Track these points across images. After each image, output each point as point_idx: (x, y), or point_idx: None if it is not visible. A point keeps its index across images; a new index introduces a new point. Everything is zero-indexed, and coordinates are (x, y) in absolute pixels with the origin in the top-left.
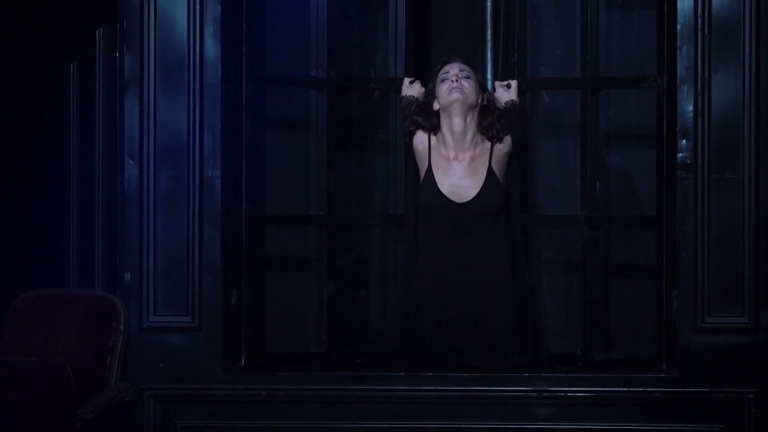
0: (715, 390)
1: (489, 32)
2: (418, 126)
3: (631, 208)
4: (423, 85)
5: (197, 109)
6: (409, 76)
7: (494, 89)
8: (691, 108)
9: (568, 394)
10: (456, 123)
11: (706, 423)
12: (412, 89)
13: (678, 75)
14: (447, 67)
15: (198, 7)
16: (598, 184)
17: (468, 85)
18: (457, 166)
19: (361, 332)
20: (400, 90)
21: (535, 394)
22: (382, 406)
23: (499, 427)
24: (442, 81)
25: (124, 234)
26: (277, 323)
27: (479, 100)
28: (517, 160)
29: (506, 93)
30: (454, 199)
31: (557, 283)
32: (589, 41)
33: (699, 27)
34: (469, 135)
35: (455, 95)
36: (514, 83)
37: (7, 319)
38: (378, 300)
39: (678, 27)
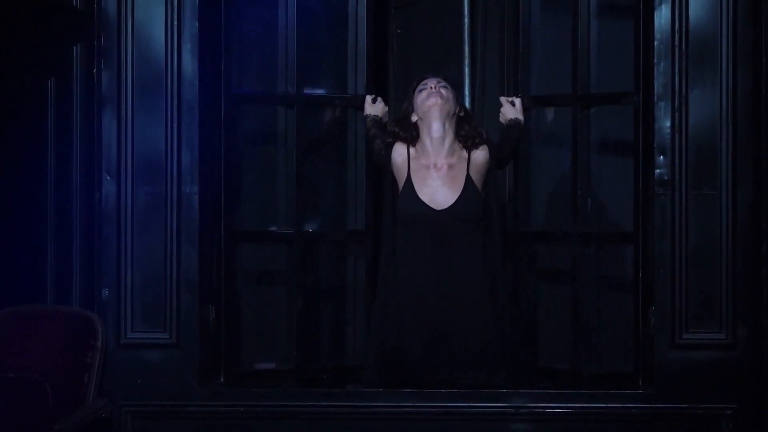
0: (693, 406)
1: (466, 48)
2: (397, 138)
3: (617, 223)
4: (386, 103)
5: (175, 125)
6: (371, 94)
7: (500, 104)
8: (668, 124)
9: (546, 410)
10: (435, 128)
11: None
12: (375, 108)
13: (655, 91)
14: (425, 81)
15: (175, 23)
16: (589, 200)
17: (446, 93)
18: (436, 174)
19: (332, 347)
20: (362, 108)
21: (513, 410)
22: (360, 422)
23: None
24: (420, 91)
25: (101, 250)
26: (254, 339)
27: (456, 110)
28: (498, 170)
29: (511, 110)
30: (432, 206)
31: (546, 296)
32: (579, 56)
33: (676, 43)
34: (447, 142)
35: (433, 99)
36: (518, 101)
37: None
38: (351, 315)
39: (655, 43)
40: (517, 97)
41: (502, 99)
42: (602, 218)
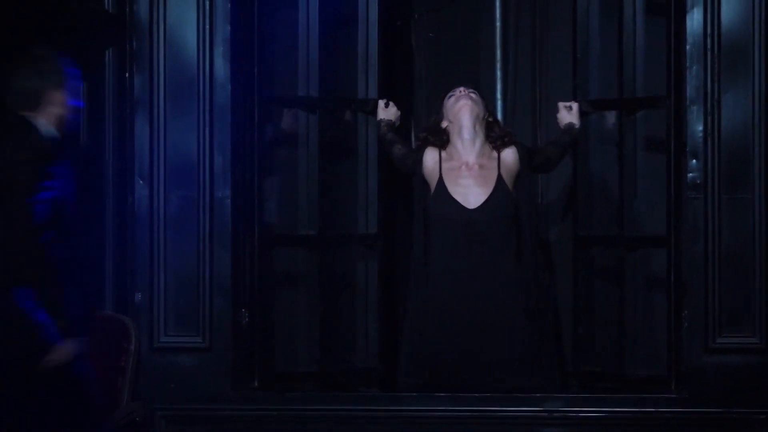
0: (726, 410)
1: (498, 52)
2: (428, 143)
3: (654, 227)
4: (398, 107)
5: (207, 128)
6: (382, 99)
7: (557, 110)
8: (700, 128)
9: (579, 414)
10: (465, 129)
11: None
12: (388, 112)
13: (688, 95)
14: (455, 89)
15: (208, 27)
16: (634, 203)
17: (475, 97)
18: (468, 174)
19: (350, 349)
20: (373, 112)
21: (546, 414)
22: (394, 426)
23: None
24: (450, 98)
25: (134, 254)
26: (288, 342)
27: (485, 115)
28: (531, 175)
29: (568, 115)
30: (465, 204)
31: (585, 300)
32: (624, 60)
33: (708, 47)
34: (478, 143)
35: (463, 101)
36: (575, 105)
37: None
38: (363, 318)
39: (687, 47)
40: (575, 101)
41: (560, 104)
42: (644, 221)
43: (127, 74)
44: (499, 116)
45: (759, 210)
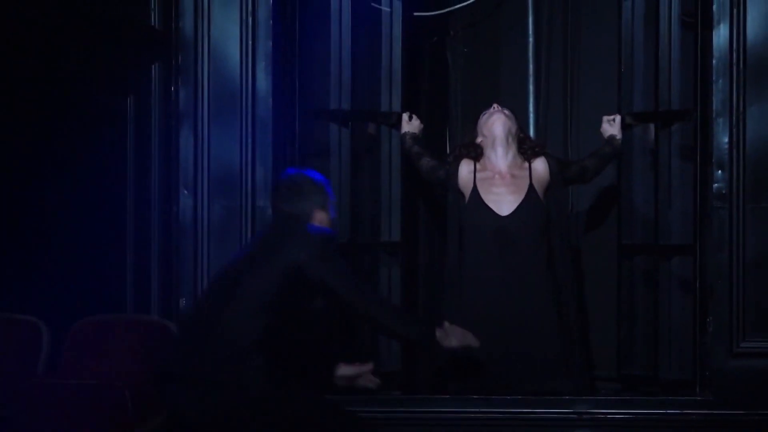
0: (750, 413)
1: (531, 66)
2: (463, 156)
3: (668, 236)
4: (421, 120)
5: (249, 140)
6: (406, 113)
7: (601, 122)
8: (726, 140)
9: (608, 416)
10: (499, 141)
11: None
12: (412, 125)
13: (714, 108)
14: (489, 108)
15: (250, 42)
16: (668, 213)
17: (509, 113)
18: (501, 182)
19: (376, 353)
20: (395, 125)
21: (575, 416)
22: (429, 428)
23: None
24: (484, 115)
25: (179, 261)
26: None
27: (517, 131)
28: (564, 185)
29: (610, 127)
30: (498, 211)
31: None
32: (660, 74)
33: (734, 61)
34: (510, 155)
35: (497, 115)
36: (618, 118)
37: (67, 343)
38: None
39: (714, 62)
40: (618, 114)
41: (604, 118)
42: (676, 230)
43: (172, 88)
44: (531, 130)
45: None
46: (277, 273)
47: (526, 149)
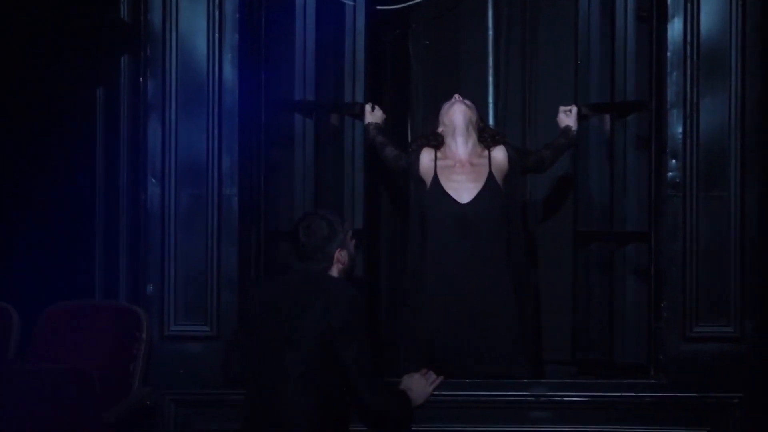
0: (703, 395)
1: (490, 59)
2: (425, 144)
3: (623, 224)
4: (383, 110)
5: (216, 131)
6: (368, 103)
7: (557, 113)
8: (680, 130)
9: (564, 399)
10: (459, 130)
11: (694, 427)
12: (375, 116)
13: (668, 99)
14: (451, 98)
15: (217, 35)
16: (623, 201)
17: (469, 103)
18: (461, 170)
19: None
20: (358, 115)
21: (533, 398)
22: None
23: (499, 430)
24: (446, 104)
25: (146, 248)
26: None
27: (477, 121)
28: (522, 174)
29: (566, 117)
30: (457, 198)
31: (582, 291)
32: (616, 66)
33: (688, 54)
34: (470, 143)
35: (458, 105)
36: (574, 109)
37: (37, 329)
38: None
39: (668, 54)
40: (574, 105)
41: (560, 108)
42: (630, 218)
43: (141, 79)
44: (491, 120)
45: (734, 207)
46: (315, 344)
47: (486, 138)
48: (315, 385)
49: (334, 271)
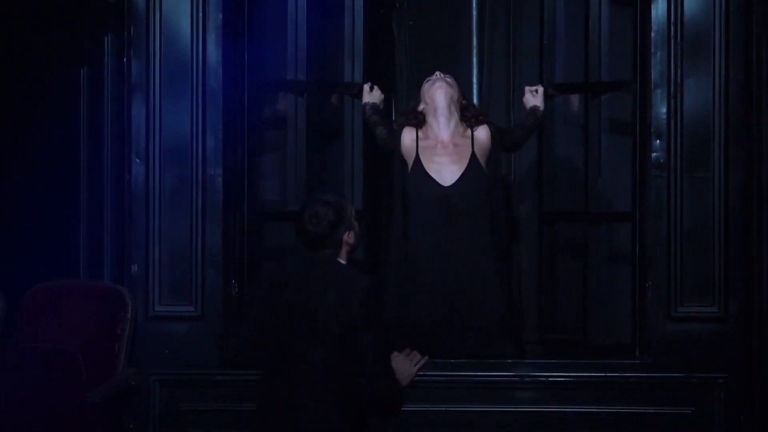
0: (687, 375)
1: (474, 40)
2: (406, 124)
3: (621, 203)
4: (381, 91)
5: (200, 111)
6: (367, 83)
7: (524, 93)
8: (664, 110)
9: (549, 379)
10: (440, 110)
11: (678, 406)
12: (373, 96)
13: (652, 79)
14: (432, 76)
15: (201, 15)
16: (599, 181)
17: (451, 80)
18: (443, 151)
19: None
20: (358, 95)
21: (517, 378)
22: None
23: (484, 410)
24: (427, 82)
25: (131, 228)
26: None
27: (459, 98)
28: (513, 152)
29: (533, 98)
30: (440, 181)
31: (556, 273)
32: (590, 46)
33: (672, 34)
34: (453, 123)
35: (439, 83)
36: (541, 89)
37: (21, 309)
38: None
39: (652, 35)
40: (540, 85)
41: (526, 88)
42: (610, 198)
43: (124, 59)
44: (475, 100)
45: (718, 187)
46: (333, 333)
47: (468, 117)
48: (334, 374)
49: (343, 254)
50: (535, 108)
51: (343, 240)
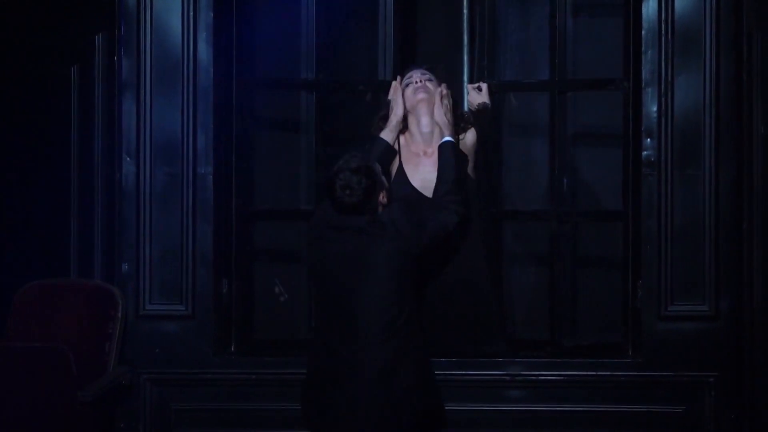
0: (678, 374)
1: (465, 37)
2: (383, 128)
3: (597, 203)
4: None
5: (191, 109)
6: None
7: (467, 92)
8: (655, 109)
9: (540, 378)
10: (424, 123)
11: (670, 405)
12: (386, 133)
13: (643, 78)
14: (410, 73)
15: (191, 14)
16: (565, 180)
17: (431, 86)
18: (427, 161)
19: None
20: (388, 93)
21: (508, 377)
22: None
23: (474, 409)
24: (407, 85)
25: (121, 227)
26: (266, 311)
27: (440, 90)
28: (483, 157)
29: (478, 95)
30: (423, 192)
31: (528, 273)
32: (557, 46)
33: (663, 33)
34: (437, 132)
35: (421, 95)
36: (484, 86)
37: (12, 308)
38: None
39: (643, 33)
40: (484, 82)
41: (468, 86)
42: (594, 198)
43: (115, 58)
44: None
45: (709, 186)
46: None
47: (455, 123)
48: (390, 326)
49: (380, 210)
50: (485, 105)
51: (379, 202)
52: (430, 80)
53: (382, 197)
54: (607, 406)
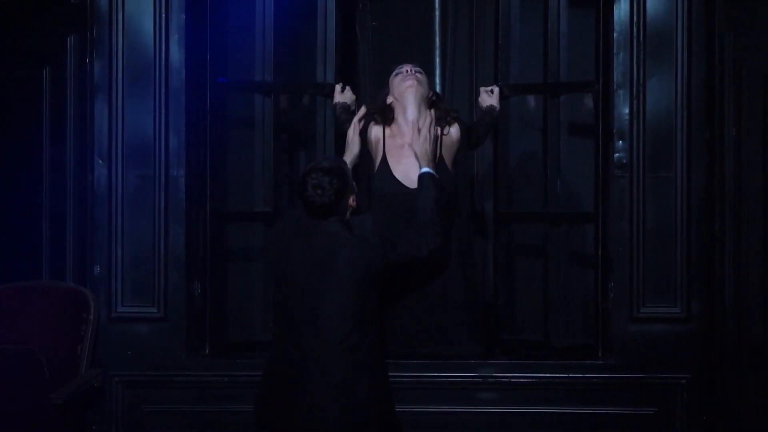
0: (650, 376)
1: (437, 39)
2: (372, 120)
3: (571, 205)
4: (353, 92)
5: (163, 112)
6: (338, 83)
7: (479, 94)
8: (627, 111)
9: (512, 380)
10: (410, 111)
11: (642, 407)
12: (344, 96)
13: (615, 80)
14: (402, 66)
15: (163, 15)
16: (559, 182)
17: (421, 77)
18: (409, 152)
19: None
20: (330, 96)
21: (480, 379)
22: None
23: (445, 411)
24: (397, 75)
25: (93, 229)
26: (239, 313)
27: (430, 95)
28: (469, 150)
29: (489, 98)
30: (406, 183)
31: (517, 272)
32: (550, 46)
33: (635, 35)
34: (422, 120)
35: (409, 82)
36: (496, 90)
37: None
38: None
39: (615, 35)
40: (496, 86)
41: (481, 89)
42: (570, 199)
43: (87, 60)
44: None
45: (680, 188)
46: (354, 287)
47: (438, 117)
48: (346, 327)
49: (347, 215)
50: (491, 107)
51: (348, 205)
52: (420, 72)
53: (352, 200)
54: (579, 408)
